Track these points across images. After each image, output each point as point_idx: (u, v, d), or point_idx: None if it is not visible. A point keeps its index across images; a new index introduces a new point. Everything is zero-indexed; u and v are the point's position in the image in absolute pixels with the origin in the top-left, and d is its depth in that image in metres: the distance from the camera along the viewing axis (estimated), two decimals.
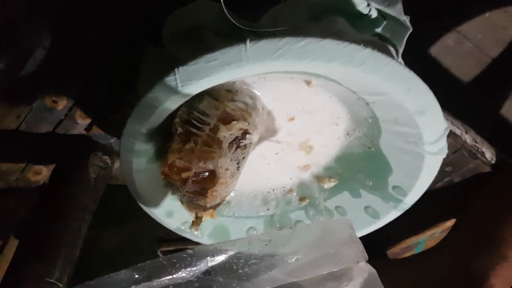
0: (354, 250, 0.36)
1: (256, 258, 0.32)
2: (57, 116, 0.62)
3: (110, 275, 0.28)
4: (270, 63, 0.35)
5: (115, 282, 0.28)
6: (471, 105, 0.78)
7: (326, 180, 0.55)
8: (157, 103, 0.38)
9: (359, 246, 0.37)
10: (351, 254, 0.36)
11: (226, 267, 0.31)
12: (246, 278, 0.30)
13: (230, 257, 0.31)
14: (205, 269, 0.30)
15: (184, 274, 0.29)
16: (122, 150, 0.43)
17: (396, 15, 0.44)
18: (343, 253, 0.35)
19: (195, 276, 0.30)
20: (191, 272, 0.30)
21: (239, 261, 0.31)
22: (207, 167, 0.41)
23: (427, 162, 0.45)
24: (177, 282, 0.29)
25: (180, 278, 0.29)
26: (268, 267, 0.32)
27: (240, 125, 0.42)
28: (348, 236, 0.36)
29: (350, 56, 0.35)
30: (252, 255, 0.32)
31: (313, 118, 0.48)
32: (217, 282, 0.30)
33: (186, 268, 0.29)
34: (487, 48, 0.78)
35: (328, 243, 0.35)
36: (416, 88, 0.37)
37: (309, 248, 0.34)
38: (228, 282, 0.30)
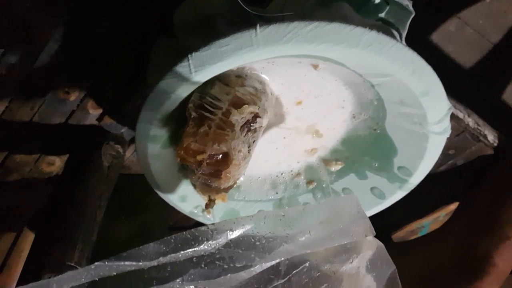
0: (362, 225, 0.38)
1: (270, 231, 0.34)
2: (70, 107, 0.63)
3: (140, 247, 0.30)
4: (280, 47, 0.37)
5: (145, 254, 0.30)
6: (473, 90, 0.79)
7: (333, 163, 0.57)
8: (171, 89, 0.40)
9: (366, 221, 0.38)
10: (360, 228, 0.37)
11: (244, 240, 0.33)
12: (262, 250, 0.32)
13: (247, 231, 0.33)
14: (225, 242, 0.32)
15: (206, 247, 0.31)
16: (138, 136, 0.45)
17: (399, 0, 0.45)
18: (352, 228, 0.37)
19: (216, 248, 0.32)
20: (212, 245, 0.32)
21: (256, 235, 0.33)
22: (221, 149, 0.42)
23: (431, 142, 0.46)
24: (199, 254, 0.31)
25: (202, 250, 0.31)
26: (283, 240, 0.34)
27: (251, 108, 0.44)
28: (356, 212, 0.38)
29: (356, 39, 0.36)
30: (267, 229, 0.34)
31: (320, 102, 0.50)
32: (237, 253, 0.32)
33: (208, 241, 0.31)
34: (488, 33, 0.78)
35: (337, 219, 0.37)
36: (421, 69, 0.39)
37: (320, 224, 0.36)
38: (247, 253, 0.32)
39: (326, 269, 0.36)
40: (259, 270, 0.32)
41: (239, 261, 0.32)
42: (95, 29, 0.55)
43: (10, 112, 0.61)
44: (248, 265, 0.32)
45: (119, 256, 0.29)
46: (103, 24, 0.55)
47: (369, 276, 0.38)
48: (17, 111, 0.62)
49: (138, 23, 0.56)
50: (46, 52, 0.55)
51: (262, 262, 0.32)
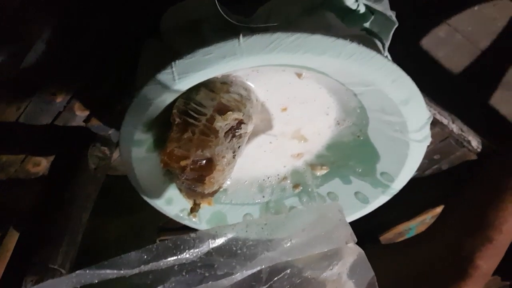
0: (343, 232, 0.38)
1: (253, 240, 0.34)
2: (56, 108, 0.63)
3: (122, 256, 0.31)
4: (263, 57, 0.37)
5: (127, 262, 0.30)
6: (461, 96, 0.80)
7: (318, 167, 0.58)
8: (154, 95, 0.40)
9: (348, 229, 0.39)
10: (341, 235, 0.38)
11: (226, 248, 0.33)
12: (244, 258, 0.33)
13: (229, 239, 0.34)
14: (207, 251, 0.33)
15: (188, 255, 0.32)
16: (122, 140, 0.45)
17: (383, 10, 0.46)
18: (334, 235, 0.38)
19: (198, 257, 0.32)
20: (194, 253, 0.32)
21: (238, 243, 0.34)
22: (205, 155, 0.43)
23: (412, 149, 0.47)
24: (181, 262, 0.32)
25: (184, 258, 0.32)
26: (265, 248, 0.34)
27: (235, 115, 0.44)
28: (338, 219, 0.39)
29: (337, 50, 0.37)
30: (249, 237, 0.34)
31: (305, 108, 0.51)
32: (218, 261, 0.32)
33: (190, 250, 0.32)
34: (477, 40, 0.79)
35: (319, 226, 0.37)
36: (400, 79, 0.40)
37: (302, 231, 0.36)
38: (228, 261, 0.33)
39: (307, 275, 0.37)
40: (240, 277, 0.33)
41: (220, 269, 0.33)
42: (83, 30, 0.55)
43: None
44: (230, 272, 0.33)
45: (100, 264, 0.30)
46: (91, 26, 0.55)
47: (350, 282, 0.39)
48: (3, 111, 0.61)
49: (127, 25, 0.56)
50: (33, 52, 0.55)
51: (244, 269, 0.33)
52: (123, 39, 0.57)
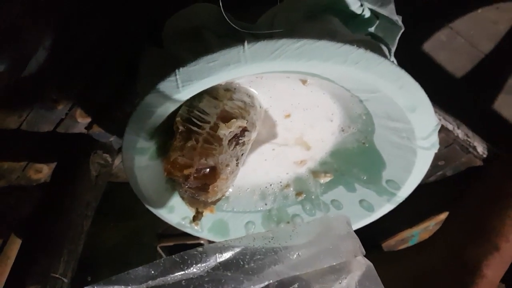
0: (351, 245, 0.38)
1: (260, 254, 0.34)
2: (58, 116, 0.63)
3: (129, 272, 0.30)
4: (268, 64, 0.37)
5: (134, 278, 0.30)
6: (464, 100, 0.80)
7: (322, 175, 0.57)
8: (158, 103, 0.40)
9: (356, 241, 0.38)
10: (349, 248, 0.37)
11: (233, 262, 0.33)
12: (251, 272, 0.32)
13: (236, 253, 0.33)
14: (214, 265, 0.32)
15: (195, 270, 0.31)
16: (124, 148, 0.44)
17: (389, 15, 0.46)
18: (342, 248, 0.37)
19: (205, 271, 0.32)
20: (201, 268, 0.32)
21: (245, 257, 0.33)
22: (208, 163, 0.42)
23: (419, 156, 0.46)
24: (189, 277, 0.31)
25: (191, 273, 0.31)
26: (272, 262, 0.34)
27: (239, 122, 0.43)
28: (346, 232, 0.38)
29: (344, 56, 0.36)
30: (257, 251, 0.34)
31: (309, 115, 0.50)
32: (226, 276, 0.32)
33: (197, 264, 0.32)
34: (479, 43, 0.78)
35: (327, 239, 0.37)
36: (408, 85, 0.39)
37: (309, 244, 0.36)
38: (236, 276, 0.32)
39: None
40: None
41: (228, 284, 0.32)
42: (85, 38, 0.55)
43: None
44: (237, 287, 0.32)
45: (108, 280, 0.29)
46: (93, 33, 0.54)
47: None
48: (4, 119, 0.61)
49: (127, 32, 0.56)
50: (35, 60, 0.55)
51: (251, 284, 0.32)
52: (123, 46, 0.57)
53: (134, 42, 0.56)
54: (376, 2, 0.45)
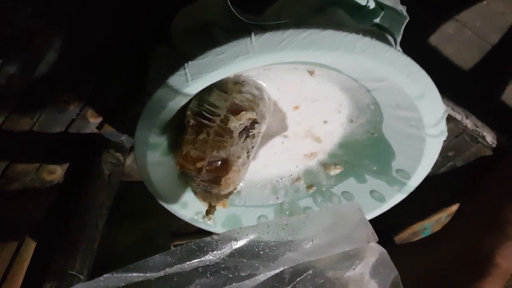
0: (365, 232, 0.38)
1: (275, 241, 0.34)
2: (69, 116, 0.64)
3: (147, 259, 0.31)
4: (276, 54, 0.37)
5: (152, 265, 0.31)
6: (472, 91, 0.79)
7: (332, 167, 0.57)
8: (168, 97, 0.40)
9: (369, 228, 0.39)
10: (362, 235, 0.38)
11: (248, 250, 0.33)
12: (266, 259, 0.33)
13: (251, 241, 0.34)
14: (230, 252, 0.33)
15: (211, 257, 0.32)
16: (137, 144, 0.45)
17: (393, 5, 0.46)
18: (355, 235, 0.37)
19: (221, 258, 0.32)
20: (217, 255, 0.32)
21: (260, 244, 0.34)
22: (220, 155, 0.43)
23: (428, 144, 0.46)
24: (205, 264, 0.32)
25: (208, 260, 0.32)
26: (286, 249, 0.34)
27: (249, 115, 0.44)
28: (358, 218, 0.38)
29: (351, 45, 0.37)
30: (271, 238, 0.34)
31: (317, 106, 0.50)
32: (241, 263, 0.32)
33: (213, 252, 0.32)
34: (487, 35, 0.78)
35: (340, 226, 0.37)
36: (415, 73, 0.39)
37: (323, 231, 0.36)
38: (251, 263, 0.32)
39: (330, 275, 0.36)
40: (263, 278, 0.33)
41: (243, 270, 0.33)
42: (94, 38, 0.56)
43: (10, 122, 0.61)
44: (253, 273, 0.33)
45: (126, 268, 0.30)
46: (102, 33, 0.55)
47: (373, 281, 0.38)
48: (17, 121, 0.62)
49: (137, 31, 0.57)
50: (45, 62, 0.56)
51: (266, 270, 0.33)
52: (133, 46, 0.58)
53: (144, 42, 0.57)
54: None
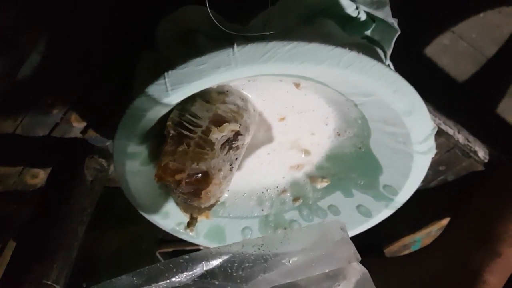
0: (346, 251, 0.37)
1: (249, 262, 0.33)
2: (53, 120, 0.62)
3: (112, 280, 0.29)
4: (259, 66, 0.36)
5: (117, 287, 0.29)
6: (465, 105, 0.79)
7: (319, 180, 0.56)
8: (147, 107, 0.39)
9: (351, 247, 0.37)
10: (344, 255, 0.36)
11: (221, 270, 0.32)
12: (240, 281, 0.31)
13: (224, 261, 0.32)
14: (201, 273, 0.31)
15: (181, 279, 0.30)
16: (115, 153, 0.44)
17: (385, 18, 0.45)
18: (336, 254, 0.36)
19: (191, 280, 0.31)
20: (188, 276, 0.31)
21: (233, 264, 0.32)
22: (200, 168, 0.41)
23: (416, 161, 0.45)
24: (174, 286, 0.30)
25: (177, 282, 0.30)
26: (263, 270, 0.33)
27: (232, 126, 0.43)
28: (340, 237, 0.37)
29: (336, 58, 0.35)
30: (246, 258, 0.33)
31: (304, 118, 0.49)
32: (213, 285, 0.31)
33: (183, 273, 0.30)
34: (482, 47, 0.78)
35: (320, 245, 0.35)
36: (402, 89, 0.38)
37: (302, 250, 0.35)
38: (223, 284, 0.31)
39: None
40: None
41: None
42: (80, 41, 0.54)
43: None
44: None
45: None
46: (88, 37, 0.54)
47: None
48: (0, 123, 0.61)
49: (124, 35, 0.56)
50: (29, 64, 0.54)
51: None
52: (119, 50, 0.56)
53: (131, 46, 0.56)
54: (372, 5, 0.45)
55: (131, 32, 0.55)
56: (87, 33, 0.54)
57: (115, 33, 0.55)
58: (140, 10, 0.54)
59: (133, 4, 0.53)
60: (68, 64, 0.56)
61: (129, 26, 0.55)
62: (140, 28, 0.55)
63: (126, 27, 0.55)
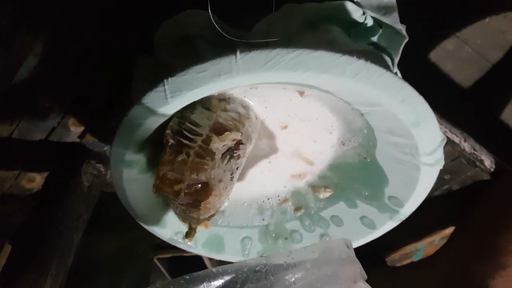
0: (352, 270, 0.35)
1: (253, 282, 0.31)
2: (50, 124, 0.61)
3: None
4: (261, 74, 0.34)
5: None
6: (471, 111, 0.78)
7: (322, 190, 0.55)
8: (146, 114, 0.37)
9: (357, 266, 0.36)
10: (350, 274, 0.35)
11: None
12: None
13: (227, 281, 0.31)
14: None
15: None
16: (112, 161, 0.42)
17: (392, 24, 0.43)
18: (342, 274, 0.34)
19: None
20: None
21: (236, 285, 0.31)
22: (200, 179, 0.40)
23: (423, 173, 0.44)
24: None
25: None
26: None
27: (233, 135, 0.41)
28: (345, 256, 0.35)
29: (343, 67, 0.34)
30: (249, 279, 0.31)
31: (307, 126, 0.48)
32: None
33: None
34: (487, 53, 0.77)
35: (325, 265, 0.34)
36: (411, 99, 0.36)
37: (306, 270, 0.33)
38: None
39: None
40: None
41: None
42: (78, 44, 0.53)
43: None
44: None
45: None
46: (86, 40, 0.53)
47: None
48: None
49: (122, 39, 0.54)
50: (26, 66, 0.53)
51: None
52: (117, 52, 0.55)
53: (129, 49, 0.54)
54: (379, 10, 0.43)
55: (130, 35, 0.54)
56: (85, 35, 0.52)
57: (113, 36, 0.53)
58: (139, 13, 0.52)
59: (132, 7, 0.52)
60: (65, 66, 0.55)
61: (128, 29, 0.54)
62: (139, 31, 0.54)
63: (124, 30, 0.54)
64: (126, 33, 0.53)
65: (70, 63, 0.54)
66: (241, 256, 0.56)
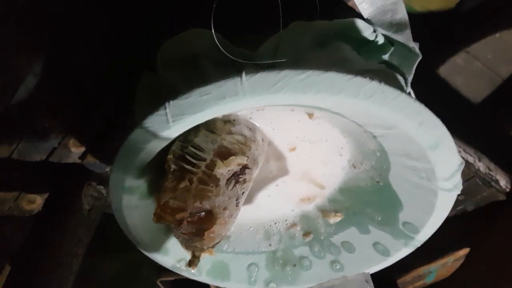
0: None
1: None
2: (50, 145, 0.59)
3: None
4: (269, 97, 0.32)
5: None
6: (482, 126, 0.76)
7: (332, 214, 0.52)
8: (146, 139, 0.35)
9: None
10: None
11: None
12: None
13: None
14: None
15: None
16: (111, 187, 0.40)
17: (405, 42, 0.41)
18: None
19: None
20: None
21: None
22: (204, 207, 0.37)
23: (440, 198, 0.41)
24: None
25: None
26: None
27: (239, 160, 0.39)
28: None
29: (356, 89, 0.32)
30: None
31: (316, 148, 0.45)
32: None
33: None
34: (498, 67, 0.75)
35: None
36: (428, 121, 0.34)
37: None
38: None
39: None
40: None
41: None
42: (77, 63, 0.52)
43: None
44: None
45: None
46: (87, 59, 0.51)
47: None
48: None
49: (123, 57, 0.53)
50: (25, 86, 0.52)
51: None
52: (119, 72, 0.54)
53: (131, 68, 0.53)
54: (391, 28, 0.41)
55: (132, 53, 0.53)
56: (86, 55, 0.51)
57: (115, 54, 0.52)
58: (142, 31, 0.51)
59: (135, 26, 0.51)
60: (66, 86, 0.53)
61: (129, 48, 0.52)
62: (142, 50, 0.52)
63: (126, 48, 0.52)
64: (128, 52, 0.52)
65: (71, 81, 0.53)
66: (247, 284, 0.53)
